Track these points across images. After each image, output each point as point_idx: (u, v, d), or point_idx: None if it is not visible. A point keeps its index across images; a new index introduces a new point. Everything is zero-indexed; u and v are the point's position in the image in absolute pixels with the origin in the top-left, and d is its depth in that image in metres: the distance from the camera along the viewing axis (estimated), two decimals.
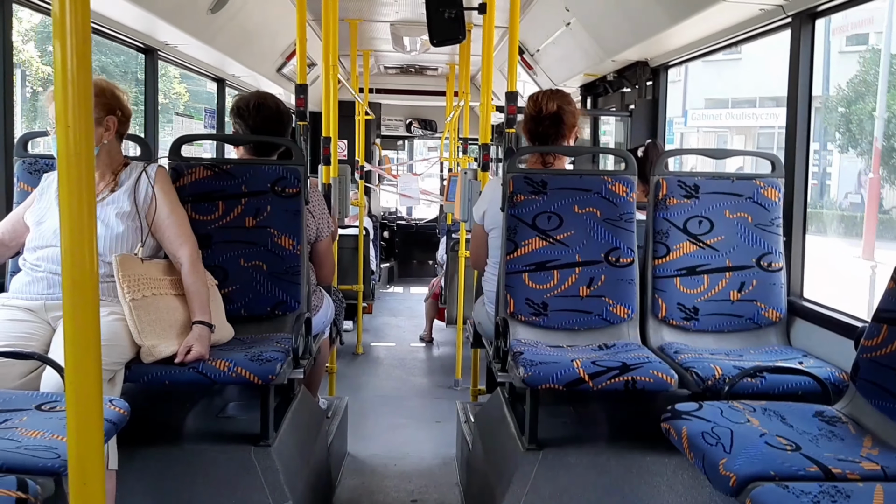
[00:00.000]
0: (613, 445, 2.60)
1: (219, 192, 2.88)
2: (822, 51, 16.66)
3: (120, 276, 2.42)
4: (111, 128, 2.59)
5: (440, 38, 3.67)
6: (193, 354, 2.40)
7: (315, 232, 3.16)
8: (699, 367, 2.53)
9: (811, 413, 2.15)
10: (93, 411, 1.10)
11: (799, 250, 3.14)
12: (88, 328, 1.08)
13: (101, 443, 1.13)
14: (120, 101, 2.62)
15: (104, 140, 2.58)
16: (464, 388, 4.97)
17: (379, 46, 7.42)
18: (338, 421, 3.65)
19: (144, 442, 2.48)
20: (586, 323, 2.94)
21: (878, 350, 2.10)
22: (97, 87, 2.55)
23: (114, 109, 2.59)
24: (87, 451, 1.10)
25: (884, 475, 1.79)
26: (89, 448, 1.10)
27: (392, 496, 3.45)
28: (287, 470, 2.55)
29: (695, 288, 2.95)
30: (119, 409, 1.94)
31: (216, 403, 2.90)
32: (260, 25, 5.38)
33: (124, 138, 2.71)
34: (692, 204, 2.99)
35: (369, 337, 6.74)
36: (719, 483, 1.81)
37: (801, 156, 3.13)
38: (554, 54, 5.96)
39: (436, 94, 9.42)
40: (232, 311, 2.76)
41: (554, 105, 3.09)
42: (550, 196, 2.97)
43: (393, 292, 9.43)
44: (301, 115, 3.31)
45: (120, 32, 3.99)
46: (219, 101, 5.88)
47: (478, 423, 3.34)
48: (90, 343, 1.08)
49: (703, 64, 23.12)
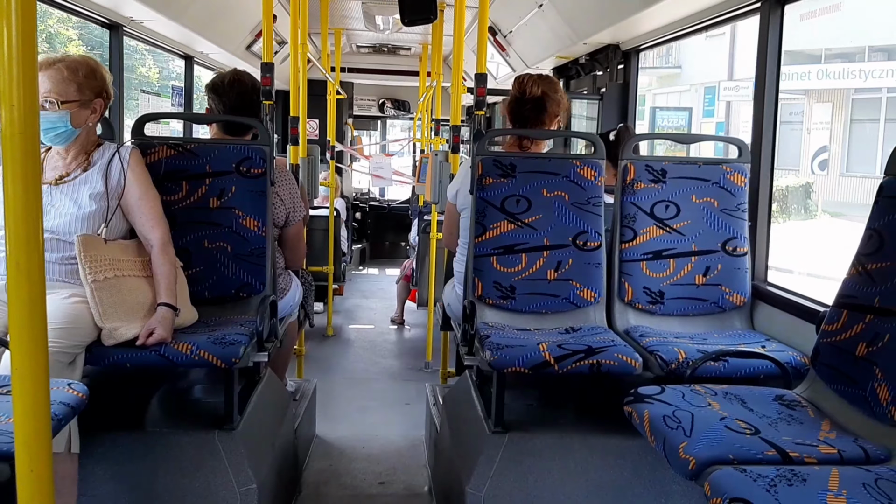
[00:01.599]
0: (578, 428, 2.61)
1: (182, 171, 2.83)
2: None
3: (82, 256, 2.38)
4: (97, 111, 2.56)
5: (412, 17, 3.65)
6: (155, 337, 2.37)
7: (284, 216, 3.12)
8: (663, 351, 2.54)
9: (771, 397, 2.17)
10: (39, 396, 1.07)
11: (764, 235, 3.17)
12: (34, 311, 1.05)
13: (47, 428, 1.10)
14: (107, 84, 2.59)
15: (89, 123, 2.55)
16: (434, 371, 4.98)
17: (351, 25, 7.34)
18: (306, 403, 3.64)
19: (106, 426, 2.45)
20: (553, 306, 2.95)
21: (837, 335, 2.13)
22: (89, 67, 2.53)
23: (102, 92, 2.56)
24: (33, 437, 1.08)
25: (840, 459, 1.82)
26: (35, 433, 1.08)
27: (360, 478, 3.45)
28: (252, 453, 2.54)
29: (661, 272, 2.97)
30: (78, 393, 1.90)
31: (180, 387, 2.87)
32: (229, 1, 5.29)
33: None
34: (659, 188, 3.00)
35: (340, 319, 6.72)
36: (679, 466, 1.83)
37: (768, 141, 3.15)
38: (526, 36, 5.94)
39: (409, 75, 9.36)
40: (196, 293, 2.73)
41: (538, 90, 3.07)
42: (519, 179, 2.96)
43: (365, 274, 9.40)
44: (267, 94, 3.26)
45: (84, 7, 3.90)
46: (186, 79, 5.79)
47: (446, 406, 3.35)
48: (36, 326, 1.05)
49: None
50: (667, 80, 26.62)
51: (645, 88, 27.15)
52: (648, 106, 27.43)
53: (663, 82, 27.28)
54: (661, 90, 27.56)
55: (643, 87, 26.59)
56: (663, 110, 24.05)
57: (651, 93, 27.57)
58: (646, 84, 27.32)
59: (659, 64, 26.46)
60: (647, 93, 27.55)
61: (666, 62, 26.43)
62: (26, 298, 1.04)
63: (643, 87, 26.59)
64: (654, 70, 26.90)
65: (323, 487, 3.35)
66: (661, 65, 26.59)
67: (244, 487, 2.45)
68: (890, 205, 2.08)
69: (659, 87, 27.63)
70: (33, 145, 1.03)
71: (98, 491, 2.42)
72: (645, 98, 27.35)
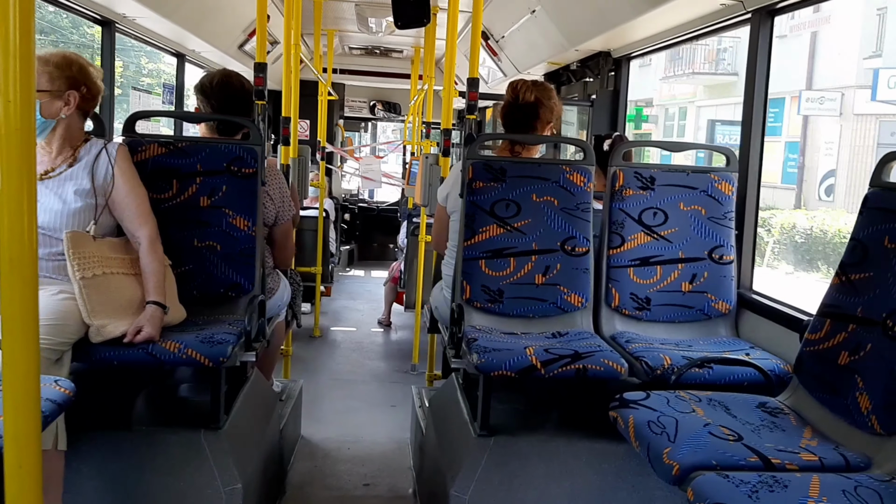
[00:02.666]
0: (564, 432, 2.63)
1: (173, 170, 2.83)
2: None
3: (71, 253, 2.37)
4: (71, 103, 2.51)
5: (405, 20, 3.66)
6: (143, 335, 2.37)
7: (274, 215, 3.12)
8: (649, 357, 2.56)
9: (754, 404, 2.20)
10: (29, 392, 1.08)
11: (750, 244, 3.20)
12: (26, 308, 1.06)
13: (37, 425, 1.11)
14: (88, 77, 2.54)
15: (62, 114, 2.51)
16: (420, 373, 4.98)
17: (344, 26, 7.34)
18: (292, 404, 3.64)
19: (93, 423, 2.45)
20: (541, 311, 2.97)
21: (821, 344, 2.16)
22: (65, 59, 2.50)
23: (79, 84, 2.51)
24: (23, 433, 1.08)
25: (821, 466, 1.84)
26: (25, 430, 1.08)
27: (344, 480, 3.45)
28: (237, 453, 2.54)
29: (648, 278, 2.99)
30: (65, 390, 1.90)
31: (167, 385, 2.86)
32: (222, 0, 5.28)
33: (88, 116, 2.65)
34: (648, 195, 3.02)
35: (327, 320, 6.71)
36: (663, 472, 1.85)
37: (756, 151, 3.18)
38: (518, 41, 5.97)
39: (401, 77, 9.37)
40: (185, 292, 2.72)
41: (532, 96, 3.08)
42: (509, 184, 2.98)
43: (352, 275, 9.39)
44: (259, 94, 3.26)
45: (77, 3, 3.89)
46: (178, 77, 5.77)
47: (432, 409, 3.35)
48: (28, 323, 1.06)
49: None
50: (719, 91, 22.59)
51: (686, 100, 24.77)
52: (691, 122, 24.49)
53: (714, 92, 23.08)
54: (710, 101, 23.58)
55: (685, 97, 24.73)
56: (724, 124, 21.24)
57: (694, 105, 24.60)
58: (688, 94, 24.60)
59: (709, 70, 22.52)
60: (690, 105, 24.77)
61: (717, 68, 22.42)
62: (19, 294, 1.05)
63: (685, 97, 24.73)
64: (702, 77, 22.93)
65: (307, 488, 3.35)
66: (711, 70, 22.52)
67: (229, 487, 2.45)
68: (874, 216, 2.12)
69: (707, 97, 23.63)
70: (29, 141, 1.04)
71: (83, 488, 2.42)
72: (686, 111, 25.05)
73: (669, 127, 26.12)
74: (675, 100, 25.80)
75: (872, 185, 2.17)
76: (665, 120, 26.71)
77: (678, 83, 24.59)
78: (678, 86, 24.96)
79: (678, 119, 25.92)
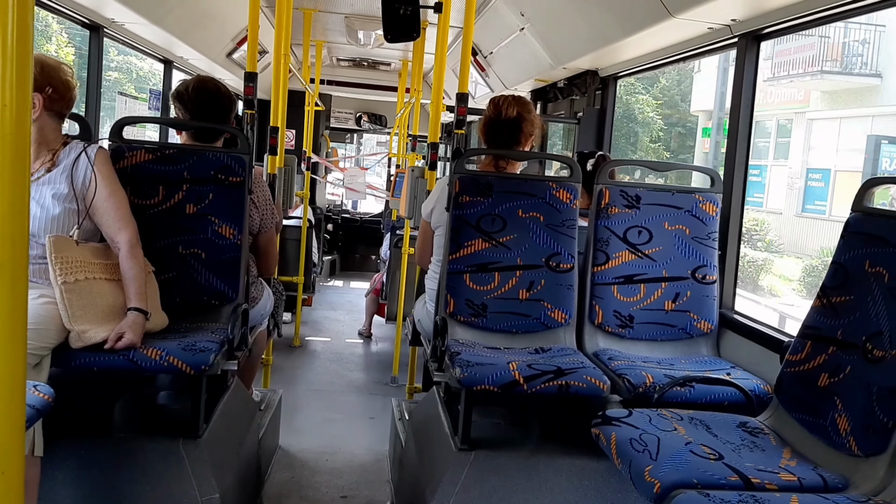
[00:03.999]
0: (544, 448, 2.63)
1: (160, 176, 2.81)
2: None
3: (53, 257, 2.35)
4: (38, 105, 2.43)
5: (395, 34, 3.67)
6: (124, 342, 2.35)
7: (258, 223, 3.12)
8: (631, 375, 2.58)
9: (735, 423, 2.22)
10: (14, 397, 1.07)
11: (732, 264, 3.23)
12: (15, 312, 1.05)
13: (21, 431, 1.09)
14: (52, 77, 2.46)
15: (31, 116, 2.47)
16: (400, 386, 4.97)
17: (332, 38, 7.35)
18: (270, 414, 3.62)
19: (70, 430, 2.42)
20: (524, 326, 2.98)
21: (801, 365, 2.18)
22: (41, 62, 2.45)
23: (42, 86, 2.43)
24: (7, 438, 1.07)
25: (800, 486, 1.86)
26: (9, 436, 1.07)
27: (322, 491, 3.43)
28: (216, 462, 2.52)
29: (631, 296, 3.01)
30: (44, 395, 1.88)
31: (146, 392, 2.84)
32: (212, 8, 5.28)
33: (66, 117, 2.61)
34: (633, 214, 3.04)
35: (307, 330, 6.68)
36: (644, 489, 1.86)
37: (740, 172, 3.22)
38: (506, 58, 6.00)
39: (387, 90, 9.39)
40: (168, 299, 2.70)
41: (514, 111, 3.11)
42: (496, 199, 2.99)
43: (334, 286, 9.37)
44: (249, 103, 3.25)
45: (66, 7, 3.87)
46: (165, 84, 5.75)
47: (412, 421, 3.35)
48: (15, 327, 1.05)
49: None
50: (847, 98, 16.21)
51: (792, 109, 17.94)
52: (798, 138, 17.74)
53: (837, 100, 16.49)
54: (832, 113, 16.71)
55: (790, 105, 17.69)
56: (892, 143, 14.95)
57: (805, 116, 17.68)
58: (794, 102, 17.82)
59: (831, 69, 15.82)
60: (798, 116, 17.92)
61: (847, 67, 15.87)
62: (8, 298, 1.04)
63: (790, 105, 17.69)
64: (822, 79, 16.10)
65: (285, 499, 3.33)
66: (836, 70, 15.83)
67: (206, 497, 2.43)
68: (855, 240, 2.15)
69: (827, 106, 16.87)
70: (23, 146, 1.03)
71: (59, 495, 2.39)
72: (790, 126, 18.40)
73: (761, 148, 19.28)
74: (771, 109, 18.72)
75: (854, 209, 2.20)
76: (755, 136, 21.45)
77: (778, 86, 18.10)
78: (779, 90, 18.35)
79: (776, 135, 19.33)
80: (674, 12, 3.26)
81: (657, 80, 23.84)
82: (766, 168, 19.58)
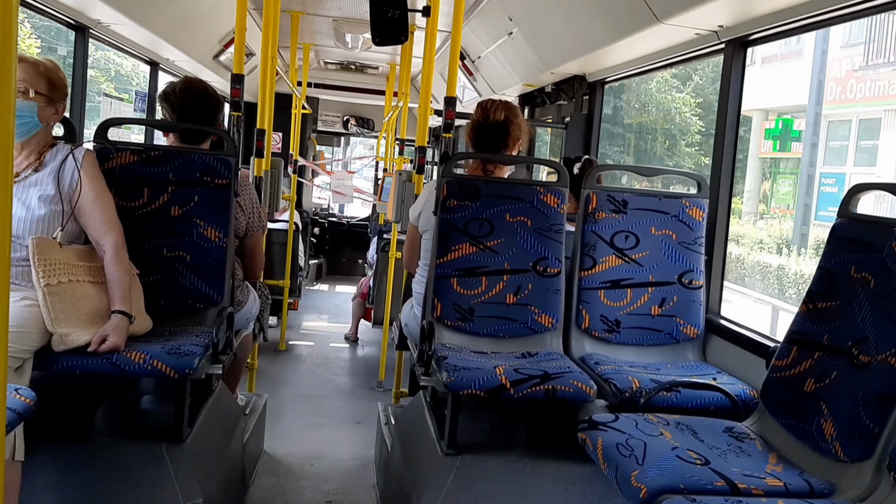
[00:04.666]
0: (530, 453, 2.63)
1: (145, 178, 2.79)
2: None
3: (36, 260, 2.33)
4: (59, 113, 2.57)
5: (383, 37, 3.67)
6: (108, 345, 2.32)
7: (245, 226, 3.10)
8: (618, 379, 2.58)
9: (721, 429, 2.22)
10: None
11: (719, 269, 3.24)
12: None
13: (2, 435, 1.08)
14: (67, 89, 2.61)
15: (50, 122, 2.56)
16: (386, 390, 4.96)
17: (320, 41, 7.34)
18: (255, 418, 3.59)
19: (52, 434, 2.39)
20: (511, 330, 2.97)
21: (787, 370, 2.18)
22: (60, 71, 2.57)
23: (65, 96, 2.59)
24: None
25: (786, 491, 1.86)
26: None
27: (307, 496, 3.41)
28: (200, 467, 2.50)
29: (618, 301, 3.01)
30: (25, 399, 1.86)
31: (130, 396, 2.81)
32: (199, 10, 5.25)
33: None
34: (620, 219, 3.05)
35: (293, 334, 6.65)
36: (630, 494, 1.85)
37: (727, 178, 3.23)
38: (494, 62, 6.01)
39: (375, 93, 9.38)
40: (152, 302, 2.68)
41: (502, 115, 3.11)
42: (483, 203, 2.99)
43: (320, 290, 9.33)
44: (236, 105, 3.23)
45: (51, 7, 3.84)
46: (151, 85, 5.72)
47: (398, 426, 3.33)
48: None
49: None
50: None
51: (885, 104, 14.19)
52: (886, 140, 14.14)
53: None
54: None
55: (881, 101, 14.15)
56: None
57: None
58: (887, 95, 14.13)
59: None
60: (889, 113, 14.17)
61: None
62: None
63: (881, 101, 14.15)
64: None
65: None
66: None
67: (190, 502, 2.41)
68: (841, 246, 2.16)
69: None
70: (6, 143, 1.01)
71: (40, 501, 2.35)
72: (879, 126, 14.69)
73: (838, 149, 15.97)
74: (852, 105, 15.29)
75: (840, 215, 2.21)
76: (828, 137, 16.52)
77: (865, 78, 14.88)
78: (863, 84, 15.09)
79: (858, 135, 15.71)
80: (661, 18, 3.27)
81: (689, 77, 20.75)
82: (843, 177, 15.81)
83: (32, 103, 2.46)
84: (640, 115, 21.26)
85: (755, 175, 19.23)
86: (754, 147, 18.88)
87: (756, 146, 18.71)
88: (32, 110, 2.46)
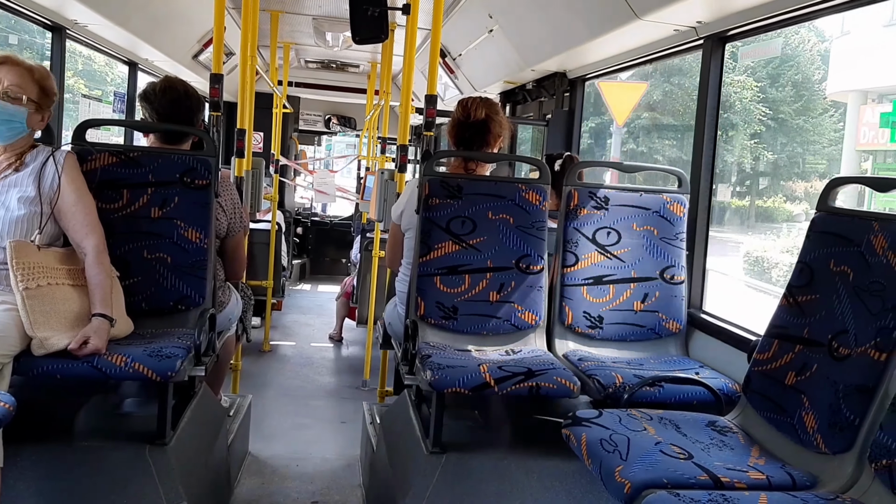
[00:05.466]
0: (515, 450, 2.63)
1: (123, 180, 2.77)
2: None
3: (14, 263, 2.30)
4: (45, 120, 2.59)
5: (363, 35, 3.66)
6: (89, 348, 2.30)
7: (226, 227, 3.08)
8: (601, 375, 2.59)
9: (704, 423, 2.23)
10: None
11: (700, 264, 3.26)
12: None
13: None
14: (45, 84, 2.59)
15: (35, 128, 2.58)
16: (371, 389, 4.95)
17: (300, 40, 7.31)
18: (240, 420, 3.57)
19: (33, 438, 2.36)
20: (495, 328, 2.97)
21: (768, 364, 2.20)
22: (51, 79, 2.58)
23: (52, 102, 2.60)
24: None
25: (768, 484, 1.88)
26: None
27: (292, 497, 3.39)
28: (183, 470, 2.48)
29: (600, 297, 3.02)
30: (4, 405, 1.84)
31: (111, 400, 2.78)
32: (177, 9, 5.21)
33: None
34: (602, 215, 3.06)
35: (277, 334, 6.63)
36: (614, 490, 1.86)
37: (707, 173, 3.25)
38: (475, 60, 6.01)
39: (356, 92, 9.35)
40: (133, 304, 2.66)
41: (482, 113, 3.12)
42: (465, 201, 2.99)
43: (303, 290, 9.30)
44: (215, 105, 3.21)
45: (26, 7, 3.80)
46: (129, 86, 5.67)
47: (383, 425, 3.33)
48: None
49: None
50: None
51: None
52: None
53: None
54: None
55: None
56: None
57: None
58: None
59: None
60: None
61: None
62: None
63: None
64: None
65: None
66: None
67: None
68: (820, 239, 2.17)
69: None
70: None
71: None
72: None
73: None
74: None
75: (819, 209, 2.23)
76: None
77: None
78: None
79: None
80: (640, 14, 3.28)
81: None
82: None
83: (23, 109, 2.47)
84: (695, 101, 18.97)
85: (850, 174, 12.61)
86: (850, 138, 14.80)
87: (852, 136, 14.50)
88: (22, 115, 2.47)
